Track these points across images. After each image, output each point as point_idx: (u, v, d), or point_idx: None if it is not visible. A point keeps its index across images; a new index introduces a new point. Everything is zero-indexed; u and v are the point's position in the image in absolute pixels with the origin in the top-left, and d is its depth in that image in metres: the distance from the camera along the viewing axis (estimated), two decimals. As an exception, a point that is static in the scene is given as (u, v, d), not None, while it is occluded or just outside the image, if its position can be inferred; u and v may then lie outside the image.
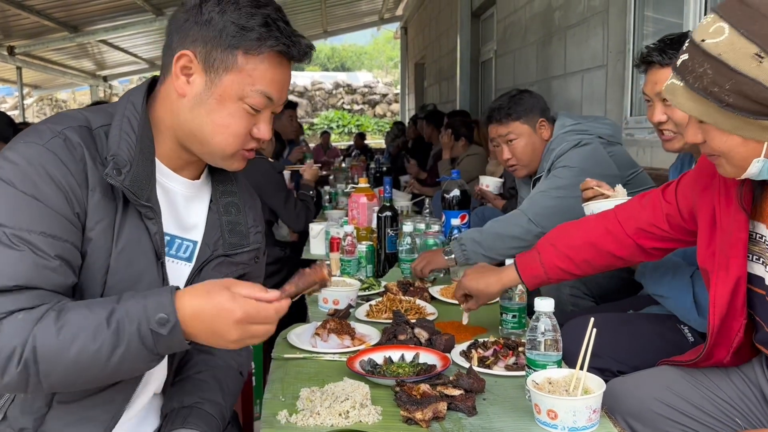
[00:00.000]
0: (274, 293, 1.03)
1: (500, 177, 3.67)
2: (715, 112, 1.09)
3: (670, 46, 1.69)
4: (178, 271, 1.18)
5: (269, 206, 3.27)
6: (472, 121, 5.00)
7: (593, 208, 1.74)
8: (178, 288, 1.01)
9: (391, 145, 8.96)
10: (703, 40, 1.07)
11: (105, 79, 12.60)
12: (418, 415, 1.21)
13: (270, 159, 3.54)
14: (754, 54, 1.02)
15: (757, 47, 1.02)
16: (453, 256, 2.17)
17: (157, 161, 1.15)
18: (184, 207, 1.20)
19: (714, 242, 1.32)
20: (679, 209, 1.47)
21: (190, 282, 1.19)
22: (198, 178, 1.23)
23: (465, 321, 1.76)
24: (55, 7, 7.29)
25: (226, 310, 0.98)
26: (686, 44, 1.12)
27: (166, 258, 1.16)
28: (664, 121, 1.71)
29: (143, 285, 1.09)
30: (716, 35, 1.06)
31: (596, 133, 2.28)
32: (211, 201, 1.25)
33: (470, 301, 1.72)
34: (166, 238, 1.16)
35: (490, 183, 3.56)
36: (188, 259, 1.20)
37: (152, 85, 1.17)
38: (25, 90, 11.14)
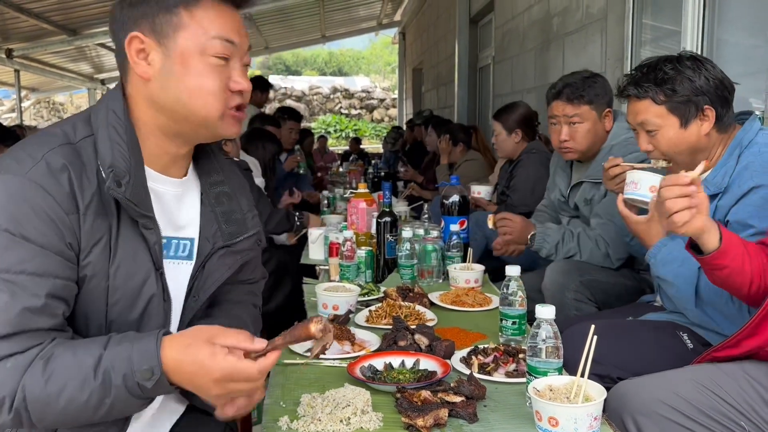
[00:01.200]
0: (260, 343, 1.00)
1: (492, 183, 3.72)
2: None
3: (644, 77, 1.69)
4: (179, 271, 1.19)
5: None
6: (470, 126, 5.01)
7: (635, 178, 1.73)
8: (167, 332, 1.00)
9: (389, 151, 8.98)
10: None
11: (103, 82, 12.59)
12: (420, 422, 1.21)
13: (235, 159, 3.52)
14: None
15: None
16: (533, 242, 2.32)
17: (146, 167, 1.12)
18: (176, 207, 1.19)
19: None
20: None
21: (193, 280, 1.19)
22: (185, 175, 1.21)
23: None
24: (53, 11, 7.29)
25: (205, 368, 0.97)
26: None
27: (166, 261, 1.15)
28: (651, 150, 1.74)
29: (144, 297, 1.09)
30: None
31: None
32: (201, 194, 1.24)
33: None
34: (163, 241, 1.15)
35: (481, 190, 3.64)
36: (188, 257, 1.20)
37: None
38: (23, 93, 11.14)
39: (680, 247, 1.65)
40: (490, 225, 2.37)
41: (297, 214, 3.47)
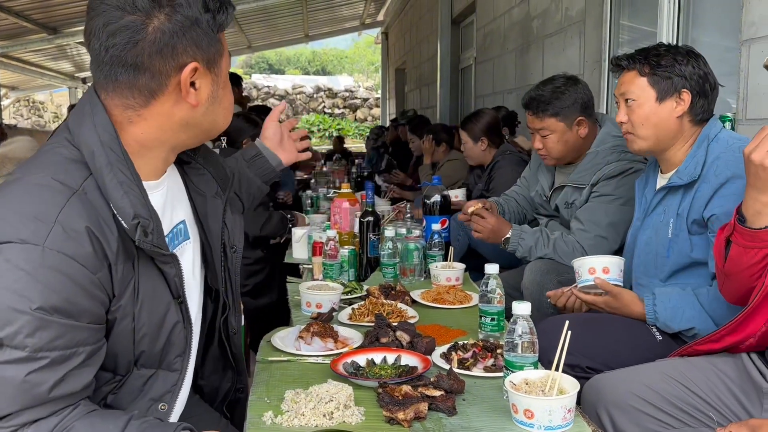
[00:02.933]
0: None
1: (462, 185, 3.79)
2: None
3: (638, 53, 1.79)
4: (184, 254, 1.23)
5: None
6: (453, 127, 5.06)
7: (575, 267, 1.88)
8: (186, 427, 1.02)
9: (371, 148, 9.02)
10: None
11: (84, 80, 12.48)
12: (400, 416, 1.25)
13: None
14: None
15: None
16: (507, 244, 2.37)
17: (144, 183, 1.10)
18: (168, 199, 1.20)
19: None
20: None
21: (223, 236, 1.29)
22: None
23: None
24: (33, 9, 7.23)
25: None
26: None
27: (175, 250, 1.17)
28: (624, 122, 1.81)
29: (166, 328, 1.12)
30: None
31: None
32: (186, 163, 1.27)
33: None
34: (169, 236, 1.17)
35: (458, 194, 3.69)
36: (185, 237, 1.24)
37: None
38: (3, 91, 11.01)
39: (669, 296, 1.70)
40: (470, 210, 2.41)
41: (288, 215, 3.49)
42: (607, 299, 1.79)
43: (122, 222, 1.00)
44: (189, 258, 1.25)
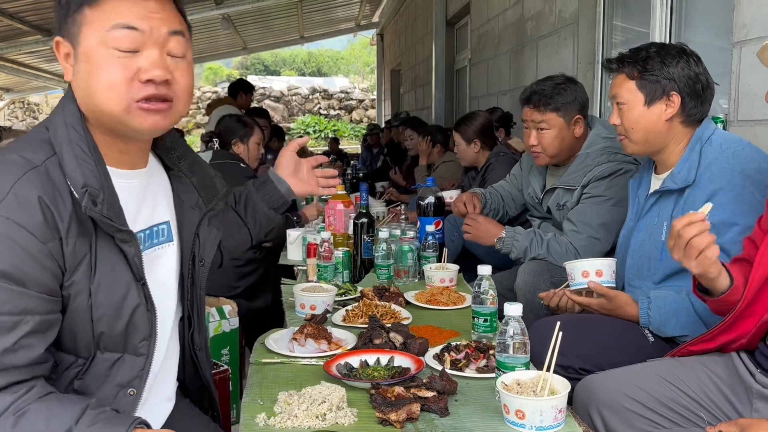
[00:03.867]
0: None
1: (458, 187, 3.79)
2: None
3: (629, 55, 1.80)
4: (165, 255, 1.23)
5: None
6: (449, 129, 5.07)
7: (568, 270, 1.88)
8: (142, 422, 1.01)
9: (364, 148, 9.04)
10: None
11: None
12: (393, 417, 1.25)
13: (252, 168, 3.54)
14: None
15: None
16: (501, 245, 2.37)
17: (110, 167, 1.11)
18: (145, 196, 1.20)
19: None
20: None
21: (193, 249, 1.27)
22: (146, 164, 1.22)
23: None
24: (28, 11, 7.21)
25: None
26: None
27: (151, 250, 1.19)
28: (617, 124, 1.82)
29: (127, 309, 1.10)
30: None
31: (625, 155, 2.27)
32: (170, 170, 1.27)
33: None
34: (146, 232, 1.18)
35: (453, 195, 3.68)
36: (168, 239, 1.24)
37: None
38: (-3, 93, 10.98)
39: (664, 300, 1.71)
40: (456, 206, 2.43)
41: (295, 217, 3.50)
42: (601, 301, 1.80)
43: (74, 193, 1.02)
44: (170, 260, 1.25)
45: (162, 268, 1.22)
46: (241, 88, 5.88)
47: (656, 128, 1.76)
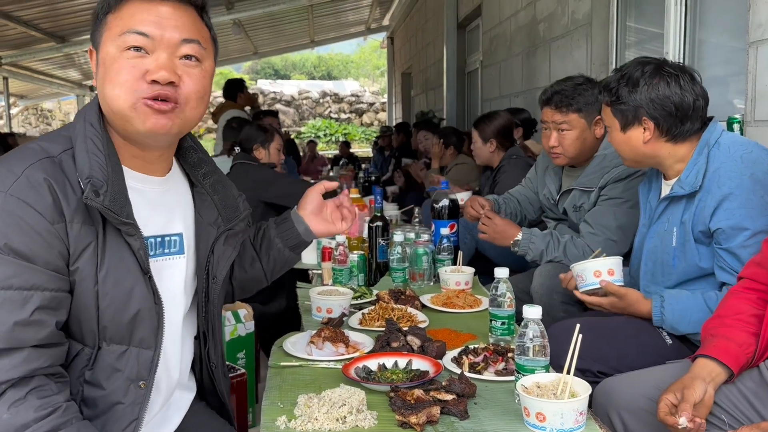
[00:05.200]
0: None
1: (471, 189, 3.77)
2: None
3: (613, 80, 1.78)
4: (173, 267, 1.24)
5: (275, 200, 3.33)
6: (464, 133, 5.06)
7: (578, 271, 1.88)
8: None
9: (375, 151, 9.05)
10: None
11: (91, 88, 12.57)
12: (413, 419, 1.25)
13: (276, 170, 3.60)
14: None
15: None
16: (518, 247, 2.36)
17: (126, 167, 1.16)
18: (161, 203, 1.22)
19: None
20: None
21: (207, 265, 1.28)
22: (168, 171, 1.26)
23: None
24: (42, 18, 7.29)
25: None
26: None
27: (159, 258, 1.20)
28: (611, 143, 1.87)
29: (134, 301, 1.11)
30: None
31: None
32: (193, 184, 1.31)
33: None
34: (157, 239, 1.20)
35: (463, 196, 3.67)
36: (179, 252, 1.25)
37: None
38: (11, 100, 11.10)
39: (677, 298, 1.70)
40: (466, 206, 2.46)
41: None
42: (613, 300, 1.79)
43: (80, 182, 1.07)
44: (179, 272, 1.25)
45: (169, 279, 1.22)
46: (236, 89, 5.78)
47: (640, 150, 1.78)
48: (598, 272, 1.83)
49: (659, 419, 1.34)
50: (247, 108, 5.92)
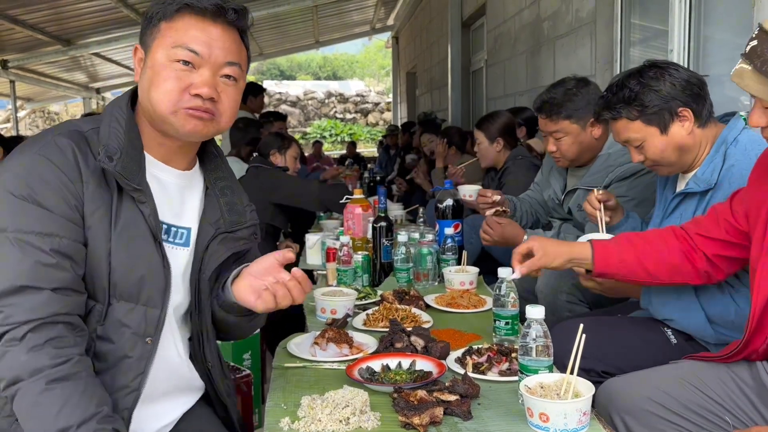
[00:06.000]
0: None
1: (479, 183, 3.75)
2: None
3: (614, 98, 1.75)
4: (176, 256, 1.29)
5: (286, 201, 3.39)
6: (467, 132, 5.05)
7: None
8: None
9: (381, 150, 9.05)
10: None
11: (98, 91, 12.62)
12: (416, 420, 1.25)
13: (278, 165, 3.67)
14: None
15: None
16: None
17: (149, 155, 1.26)
18: (177, 196, 1.31)
19: (766, 234, 1.40)
20: (732, 209, 1.54)
21: (200, 257, 1.32)
22: (189, 168, 1.35)
23: (516, 276, 1.67)
24: (48, 22, 7.32)
25: None
26: (756, 32, 1.23)
27: (165, 244, 1.26)
28: (642, 160, 1.79)
29: (143, 265, 1.20)
30: None
31: None
32: (207, 187, 1.38)
33: (529, 260, 1.67)
34: (163, 226, 1.26)
35: (471, 192, 3.64)
36: (185, 244, 1.32)
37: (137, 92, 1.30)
38: (18, 103, 11.15)
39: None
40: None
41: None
42: (610, 284, 1.84)
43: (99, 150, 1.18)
44: (182, 261, 1.31)
45: (172, 264, 1.27)
46: (249, 92, 5.83)
47: (685, 144, 1.72)
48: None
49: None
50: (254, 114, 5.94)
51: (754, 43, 1.22)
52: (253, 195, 1.63)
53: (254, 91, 5.94)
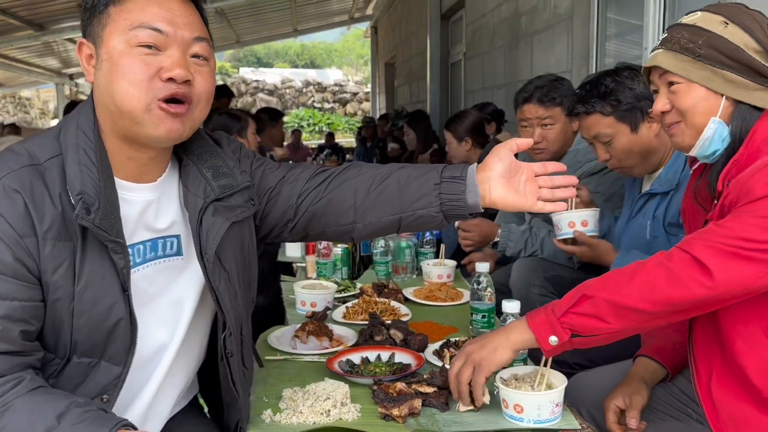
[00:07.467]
0: None
1: None
2: (689, 65, 1.28)
3: (588, 93, 1.81)
4: (171, 268, 1.18)
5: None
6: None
7: (555, 220, 1.93)
8: (127, 424, 0.98)
9: (358, 141, 9.07)
10: (681, 20, 1.32)
11: (71, 77, 12.40)
12: (395, 412, 1.29)
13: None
14: (722, 21, 1.27)
15: (724, 17, 1.27)
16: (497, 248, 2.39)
17: (117, 178, 1.10)
18: (153, 212, 1.16)
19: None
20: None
21: (198, 239, 1.15)
22: (160, 176, 1.18)
23: (462, 409, 1.33)
24: (19, 6, 7.17)
25: None
26: (666, 30, 1.34)
27: (155, 262, 1.16)
28: (608, 159, 1.85)
29: (111, 320, 1.07)
30: (692, 15, 1.32)
31: None
32: (181, 162, 1.21)
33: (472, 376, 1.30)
34: (147, 244, 1.15)
35: None
36: (177, 254, 1.20)
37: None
38: (-11, 88, 10.93)
39: (639, 256, 1.74)
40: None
41: None
42: (584, 249, 1.86)
43: (71, 198, 1.02)
44: (179, 274, 1.20)
45: (168, 282, 1.18)
46: (220, 94, 5.31)
47: (651, 145, 1.79)
48: (572, 223, 1.88)
49: (607, 428, 1.39)
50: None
51: (665, 35, 1.32)
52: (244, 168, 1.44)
53: (224, 93, 5.60)
